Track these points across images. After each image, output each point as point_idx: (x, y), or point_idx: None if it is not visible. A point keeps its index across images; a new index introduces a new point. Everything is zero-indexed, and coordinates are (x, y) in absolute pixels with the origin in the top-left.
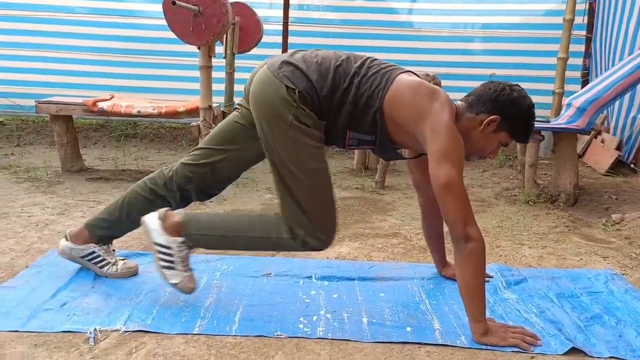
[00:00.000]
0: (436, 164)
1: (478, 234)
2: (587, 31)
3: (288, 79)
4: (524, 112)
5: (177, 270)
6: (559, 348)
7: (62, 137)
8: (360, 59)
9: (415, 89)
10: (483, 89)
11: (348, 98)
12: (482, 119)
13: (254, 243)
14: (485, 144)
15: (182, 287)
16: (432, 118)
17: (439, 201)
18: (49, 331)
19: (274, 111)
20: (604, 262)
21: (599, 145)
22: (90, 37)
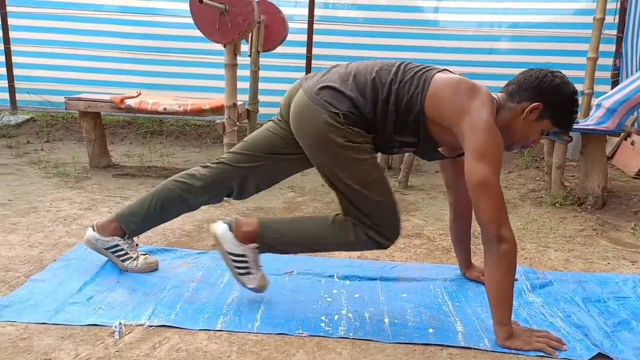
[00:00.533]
0: (473, 162)
1: (511, 235)
2: (618, 30)
3: (330, 104)
4: (566, 98)
5: (253, 274)
6: (585, 353)
7: (90, 133)
8: (394, 66)
9: (455, 86)
10: (524, 76)
11: (389, 107)
12: (524, 107)
13: (324, 247)
14: (527, 133)
15: (258, 288)
16: (472, 116)
17: (473, 200)
18: (76, 324)
19: (324, 138)
20: (633, 267)
21: (629, 147)
22: (118, 35)
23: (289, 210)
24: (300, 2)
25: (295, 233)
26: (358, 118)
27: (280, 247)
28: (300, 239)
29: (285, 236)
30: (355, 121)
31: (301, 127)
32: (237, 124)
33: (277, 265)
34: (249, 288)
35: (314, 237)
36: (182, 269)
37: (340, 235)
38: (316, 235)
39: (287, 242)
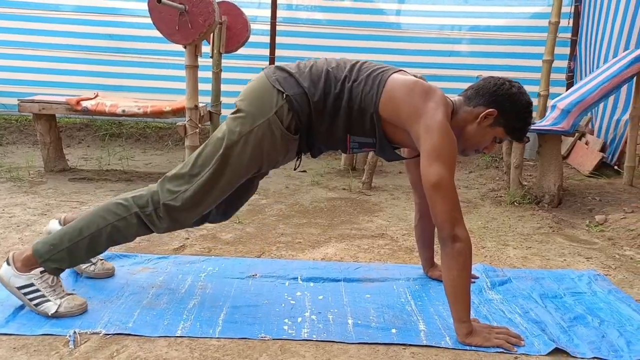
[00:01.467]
0: (428, 163)
1: (466, 235)
2: (573, 34)
3: (280, 84)
4: (522, 108)
5: (51, 300)
6: (543, 348)
7: (45, 136)
8: (350, 63)
9: (410, 88)
10: (483, 82)
11: (342, 104)
12: (479, 111)
13: (101, 237)
14: (480, 138)
15: (66, 311)
16: (426, 117)
17: (429, 200)
18: (28, 334)
19: (256, 104)
20: (588, 263)
21: (583, 147)
22: (74, 35)
23: (252, 213)
24: (263, 3)
25: (67, 235)
26: (301, 107)
27: (61, 257)
28: (75, 238)
29: (57, 244)
30: (295, 109)
31: (246, 91)
32: (199, 126)
33: (240, 268)
34: (52, 315)
35: (86, 230)
36: (142, 275)
37: (111, 216)
38: (88, 227)
39: (64, 247)
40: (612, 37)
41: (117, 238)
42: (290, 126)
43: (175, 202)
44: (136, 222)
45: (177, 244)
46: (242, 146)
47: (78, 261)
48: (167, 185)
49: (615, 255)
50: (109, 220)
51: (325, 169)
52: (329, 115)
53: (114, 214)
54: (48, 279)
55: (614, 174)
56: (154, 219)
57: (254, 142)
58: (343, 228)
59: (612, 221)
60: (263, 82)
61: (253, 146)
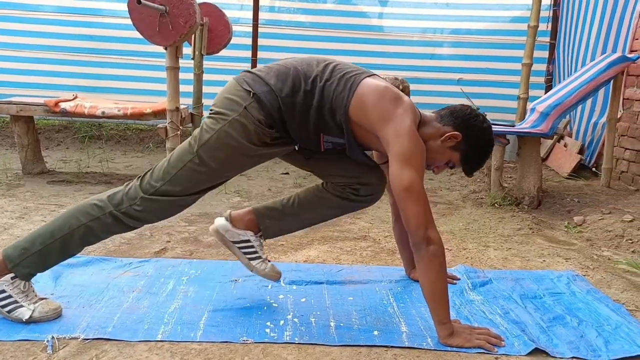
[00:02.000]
0: (398, 168)
1: (438, 237)
2: (551, 38)
3: (247, 84)
4: (484, 144)
5: (25, 305)
6: (522, 349)
7: (23, 138)
8: (323, 63)
9: (381, 93)
10: (460, 107)
11: (313, 102)
12: (445, 130)
13: (76, 236)
14: (437, 156)
15: (41, 316)
16: (396, 122)
17: (400, 205)
18: (5, 339)
19: (225, 105)
20: (566, 264)
21: (562, 149)
22: (53, 36)
23: None
24: (245, 5)
25: (38, 238)
26: (270, 103)
27: (32, 261)
28: (46, 240)
29: (28, 248)
30: (264, 105)
31: (216, 100)
32: (181, 128)
33: (223, 271)
34: (26, 321)
35: (58, 232)
36: (123, 279)
37: (83, 215)
38: (60, 228)
39: (34, 250)
40: (590, 41)
41: (90, 239)
42: (262, 121)
43: (152, 194)
44: (111, 222)
45: (159, 247)
46: (216, 140)
47: (50, 265)
48: (145, 180)
49: (594, 255)
50: (82, 221)
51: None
52: (300, 112)
53: (87, 214)
54: (20, 285)
55: (592, 176)
56: (131, 213)
57: (226, 137)
58: (325, 230)
59: (590, 222)
60: (232, 85)
61: (225, 141)
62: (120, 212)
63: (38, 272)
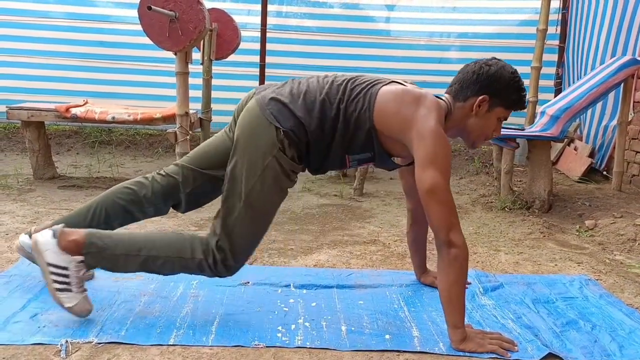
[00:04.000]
0: (422, 170)
1: (462, 240)
2: (560, 41)
3: (275, 118)
4: (508, 80)
5: (74, 292)
6: (536, 354)
7: (34, 143)
8: (343, 82)
9: (400, 98)
10: (462, 74)
11: (338, 124)
12: (471, 103)
13: (158, 263)
14: (484, 126)
15: (78, 311)
16: (418, 124)
17: (425, 206)
18: (19, 344)
19: (256, 144)
20: (579, 268)
21: (572, 152)
22: (63, 42)
23: None
24: (253, 10)
25: (127, 243)
26: (298, 138)
27: (107, 259)
28: (131, 250)
29: (112, 247)
30: (294, 141)
31: (243, 129)
32: (190, 133)
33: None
34: (66, 308)
35: (147, 250)
36: (133, 283)
37: (182, 250)
38: (150, 247)
39: (116, 252)
40: (600, 44)
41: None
42: (294, 157)
43: (221, 254)
44: (196, 266)
45: None
46: (261, 187)
47: (115, 270)
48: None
49: (606, 259)
50: (183, 255)
51: (317, 176)
52: (326, 138)
53: (188, 249)
54: (82, 270)
55: (603, 179)
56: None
57: (270, 180)
58: (335, 234)
59: (601, 226)
60: (258, 118)
61: (270, 184)
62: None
63: (102, 268)
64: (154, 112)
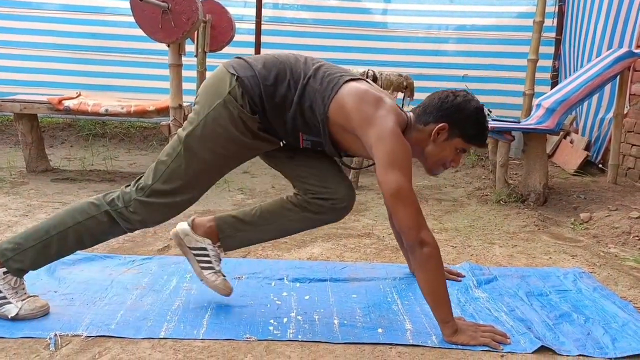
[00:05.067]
0: (384, 171)
1: (431, 238)
2: (557, 33)
3: (234, 68)
4: (470, 114)
5: (13, 302)
6: (529, 346)
7: (27, 136)
8: (311, 61)
9: (361, 96)
10: (429, 100)
11: (294, 98)
12: (430, 129)
13: (71, 234)
14: (441, 154)
15: (26, 313)
16: (377, 125)
17: (391, 209)
18: (8, 337)
19: (210, 90)
20: (573, 261)
21: (568, 145)
22: (56, 34)
23: None
24: (249, 2)
25: (33, 234)
26: (252, 87)
27: (26, 257)
28: (40, 238)
29: (22, 244)
30: (247, 89)
31: (204, 82)
32: None
33: (226, 269)
34: (12, 318)
35: (53, 229)
36: (126, 276)
37: (80, 214)
38: (54, 226)
39: (28, 246)
40: (596, 36)
41: (86, 239)
42: (246, 106)
43: (146, 196)
44: (106, 220)
45: (162, 244)
46: (202, 130)
47: (43, 262)
48: (138, 183)
49: (600, 252)
50: (78, 219)
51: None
52: (280, 104)
53: (84, 212)
54: (10, 280)
55: (599, 172)
56: (124, 215)
57: (212, 125)
58: (329, 227)
59: (596, 219)
60: (219, 70)
61: (212, 129)
62: (115, 212)
63: (30, 269)
64: (147, 105)
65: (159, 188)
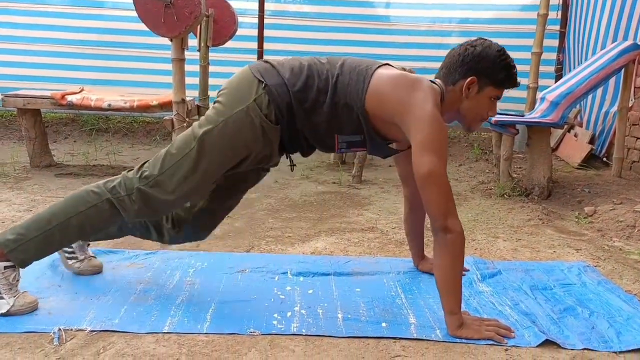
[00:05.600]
0: (419, 155)
1: (458, 226)
2: (561, 26)
3: (260, 74)
4: (495, 59)
5: (5, 298)
6: (533, 340)
7: (30, 131)
8: (333, 60)
9: (395, 81)
10: (449, 58)
11: (326, 99)
12: (460, 86)
13: (74, 224)
14: (477, 107)
15: (16, 309)
16: (415, 109)
17: (421, 192)
18: (13, 332)
19: (235, 93)
20: (577, 255)
21: (572, 139)
22: (59, 29)
23: (241, 208)
24: None
25: (36, 224)
26: (280, 96)
27: (29, 248)
28: (44, 227)
29: (25, 234)
30: (274, 99)
31: (227, 83)
32: (187, 120)
33: (229, 263)
34: (1, 314)
35: (56, 219)
36: (129, 271)
37: (84, 202)
38: (59, 215)
39: (31, 236)
40: (600, 29)
41: (88, 228)
42: (270, 115)
43: (149, 186)
44: (108, 209)
45: None
46: (219, 132)
47: (47, 252)
48: (143, 170)
49: (605, 246)
50: (80, 208)
51: (315, 163)
52: (312, 109)
53: (85, 201)
54: (9, 276)
55: (603, 166)
56: (126, 204)
57: (232, 129)
58: (333, 222)
59: (601, 212)
60: (245, 73)
61: (231, 133)
62: (117, 200)
63: (34, 259)
64: (150, 99)
65: (163, 180)
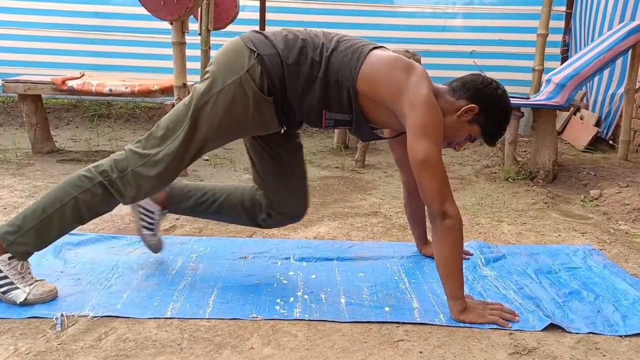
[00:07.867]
0: (414, 140)
1: (455, 211)
2: (567, 7)
3: (253, 44)
4: (502, 111)
5: (20, 287)
6: (537, 324)
7: (31, 117)
8: (330, 34)
9: (391, 64)
10: (470, 77)
11: (319, 74)
12: (461, 104)
13: (66, 213)
14: (456, 132)
15: (35, 298)
16: (410, 92)
17: (417, 178)
18: (14, 317)
19: (227, 64)
20: (582, 238)
21: (578, 121)
22: (59, 14)
23: None
24: None
25: (32, 214)
26: (273, 67)
27: (28, 239)
28: (39, 217)
29: (23, 225)
30: (267, 69)
31: (218, 53)
32: None
33: (232, 248)
34: (20, 304)
35: (50, 207)
36: (132, 256)
37: (75, 188)
38: (52, 204)
39: (29, 227)
40: (607, 10)
41: (83, 213)
42: (263, 87)
43: (144, 167)
44: (101, 192)
45: (168, 224)
46: (212, 106)
47: (47, 242)
48: (136, 149)
49: (610, 229)
50: (73, 194)
51: (318, 148)
52: (304, 83)
53: (77, 187)
54: (17, 265)
55: (609, 149)
56: (119, 187)
57: (225, 102)
58: (336, 206)
59: (607, 196)
60: (237, 43)
61: (224, 106)
62: (109, 182)
63: (35, 250)
64: (151, 84)
65: (158, 159)
